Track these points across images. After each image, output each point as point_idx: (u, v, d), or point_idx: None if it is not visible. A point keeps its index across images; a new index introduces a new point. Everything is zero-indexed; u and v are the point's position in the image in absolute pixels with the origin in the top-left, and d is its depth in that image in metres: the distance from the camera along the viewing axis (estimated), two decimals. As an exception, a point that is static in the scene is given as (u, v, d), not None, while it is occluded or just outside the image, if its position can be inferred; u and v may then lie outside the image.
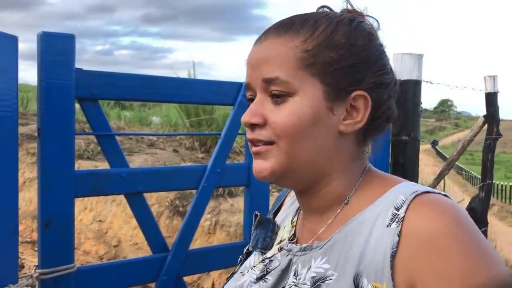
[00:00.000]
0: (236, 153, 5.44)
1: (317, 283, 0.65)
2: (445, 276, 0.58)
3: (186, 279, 1.66)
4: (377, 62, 0.70)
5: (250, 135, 0.70)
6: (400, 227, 0.61)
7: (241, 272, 0.79)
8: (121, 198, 4.51)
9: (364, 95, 0.68)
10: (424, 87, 2.18)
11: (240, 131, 1.80)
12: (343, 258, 0.65)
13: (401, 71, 2.12)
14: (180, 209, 3.97)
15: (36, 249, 3.69)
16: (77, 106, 1.46)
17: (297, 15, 0.70)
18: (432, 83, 2.26)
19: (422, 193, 0.64)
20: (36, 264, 1.42)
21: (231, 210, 3.92)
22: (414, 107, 2.13)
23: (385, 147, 2.11)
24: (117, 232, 4.27)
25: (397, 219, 0.62)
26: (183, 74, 6.46)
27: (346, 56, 0.67)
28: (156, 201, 4.12)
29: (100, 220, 4.34)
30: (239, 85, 1.73)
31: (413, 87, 2.11)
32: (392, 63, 0.76)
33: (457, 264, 0.58)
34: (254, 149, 0.69)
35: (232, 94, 1.71)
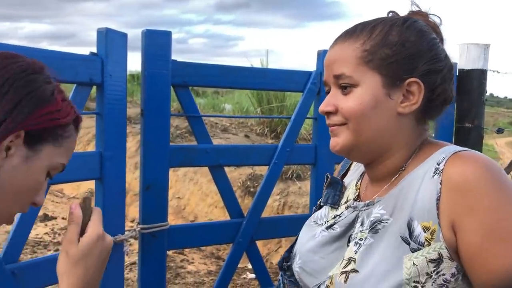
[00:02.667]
0: (304, 140, 5.63)
1: (374, 224, 0.85)
2: (475, 211, 0.76)
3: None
4: (429, 53, 0.87)
5: (327, 121, 0.91)
6: (440, 177, 0.80)
7: (314, 221, 1.00)
8: (198, 177, 4.89)
9: (417, 81, 0.85)
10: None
11: (308, 115, 2.00)
12: (398, 207, 0.84)
13: (467, 61, 2.19)
14: (251, 189, 4.24)
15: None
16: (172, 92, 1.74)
17: (359, 23, 0.90)
18: (499, 72, 2.31)
19: (460, 151, 0.82)
20: (137, 220, 1.73)
21: (299, 192, 4.13)
22: (478, 96, 2.20)
23: (448, 134, 2.21)
24: (193, 208, 4.65)
25: (438, 172, 0.81)
26: (255, 62, 6.73)
27: (399, 51, 0.85)
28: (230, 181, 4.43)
29: (178, 197, 4.75)
30: (308, 73, 1.93)
31: (478, 76, 2.17)
32: (458, 53, 0.94)
33: (485, 200, 0.76)
34: (330, 129, 0.91)
35: (302, 81, 1.91)
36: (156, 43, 1.63)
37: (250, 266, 3.59)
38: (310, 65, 1.95)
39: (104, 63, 1.51)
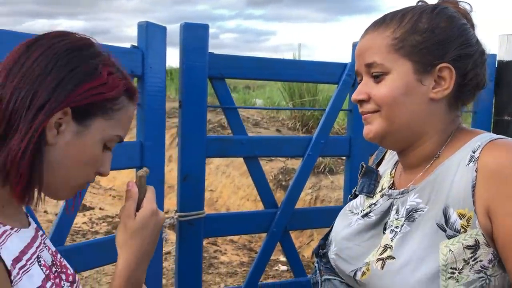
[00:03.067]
0: (335, 134, 5.60)
1: (410, 213, 0.86)
2: (510, 197, 0.76)
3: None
4: (459, 38, 0.87)
5: (359, 109, 0.93)
6: (476, 165, 0.80)
7: (350, 210, 1.02)
8: (230, 171, 4.95)
9: (448, 66, 0.86)
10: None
11: (343, 107, 2.00)
12: (434, 195, 0.85)
13: (507, 52, 2.14)
14: (283, 183, 4.27)
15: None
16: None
17: (389, 13, 0.92)
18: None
19: (496, 139, 0.82)
20: (173, 210, 1.79)
21: (331, 186, 4.12)
22: (518, 87, 2.15)
23: (486, 127, 2.17)
24: (226, 201, 4.71)
25: (473, 159, 0.81)
26: (287, 56, 6.72)
27: (429, 38, 0.86)
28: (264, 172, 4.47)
29: (211, 190, 4.82)
30: (343, 65, 1.93)
31: (518, 67, 2.12)
32: (497, 44, 0.93)
33: None
34: (363, 117, 0.92)
35: (337, 73, 1.92)
36: (194, 36, 1.67)
37: (282, 259, 3.63)
38: (343, 59, 1.95)
39: (144, 56, 1.56)
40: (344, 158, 4.53)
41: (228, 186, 4.80)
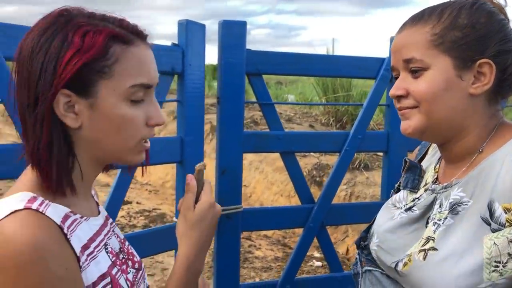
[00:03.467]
0: (370, 129, 5.53)
1: (453, 206, 0.86)
2: None
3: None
4: (499, 33, 0.86)
5: (397, 104, 0.93)
6: None
7: (392, 203, 1.02)
8: (263, 166, 4.97)
9: (488, 62, 0.85)
10: None
11: (380, 102, 1.99)
12: (478, 189, 0.84)
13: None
14: (317, 179, 4.26)
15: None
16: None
17: (427, 8, 0.92)
18: None
19: None
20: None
21: (367, 182, 4.09)
22: None
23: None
24: (259, 196, 4.74)
25: None
26: (320, 51, 6.68)
27: (469, 33, 0.85)
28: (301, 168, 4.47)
29: (244, 185, 4.87)
30: (381, 60, 1.92)
31: None
32: None
33: None
34: (400, 112, 0.92)
35: (374, 68, 1.90)
36: (232, 33, 1.70)
37: (316, 254, 3.63)
38: (376, 53, 1.94)
39: (184, 53, 1.60)
40: (380, 154, 4.49)
41: (262, 181, 4.83)
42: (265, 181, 4.82)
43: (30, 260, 0.63)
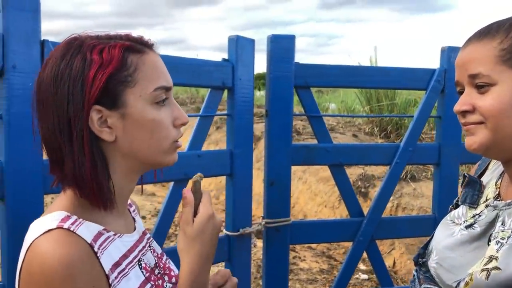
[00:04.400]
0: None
1: None
2: None
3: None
4: None
5: (461, 120, 0.91)
6: None
7: (451, 220, 1.00)
8: (307, 177, 4.95)
9: None
10: None
11: (431, 114, 1.94)
12: None
13: None
14: (362, 190, 4.19)
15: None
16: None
17: (493, 23, 0.90)
18: None
19: None
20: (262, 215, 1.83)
21: (414, 194, 3.98)
22: None
23: None
24: (303, 207, 4.72)
25: None
26: (363, 59, 6.59)
27: None
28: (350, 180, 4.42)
29: (288, 196, 4.85)
30: (431, 71, 1.88)
31: None
32: None
33: None
34: (465, 128, 0.90)
35: (425, 79, 1.87)
36: (281, 47, 1.72)
37: (362, 267, 3.56)
38: (420, 60, 1.90)
39: (234, 68, 1.63)
40: (428, 165, 4.37)
41: (305, 192, 4.81)
42: (309, 192, 4.79)
43: (59, 277, 0.66)
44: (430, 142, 4.19)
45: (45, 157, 1.15)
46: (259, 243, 1.80)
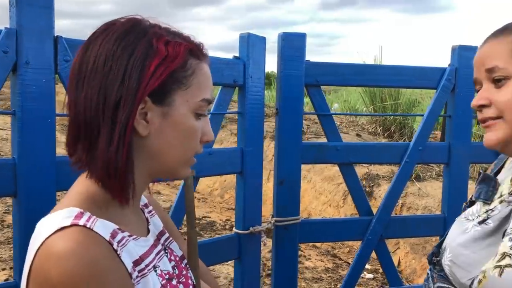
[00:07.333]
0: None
1: None
2: None
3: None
4: None
5: (480, 115, 0.91)
6: None
7: (465, 217, 0.99)
8: (311, 176, 4.94)
9: None
10: None
11: (441, 113, 1.93)
12: None
13: None
14: (367, 189, 4.18)
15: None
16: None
17: (510, 23, 0.90)
18: None
19: None
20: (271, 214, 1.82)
21: (419, 193, 3.98)
22: None
23: None
24: (307, 206, 4.71)
25: None
26: (368, 59, 6.58)
27: None
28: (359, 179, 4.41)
29: (292, 195, 4.84)
30: (442, 70, 1.87)
31: None
32: None
33: None
34: (483, 124, 0.90)
35: (435, 78, 1.86)
36: (292, 45, 1.71)
37: (367, 266, 3.55)
38: (421, 60, 1.89)
39: (245, 66, 1.62)
40: (432, 165, 4.35)
41: (310, 191, 4.80)
42: (313, 191, 4.79)
43: (84, 280, 0.60)
44: (432, 141, 4.19)
45: (58, 152, 1.15)
46: (269, 242, 1.79)
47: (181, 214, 1.54)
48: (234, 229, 1.69)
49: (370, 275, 3.38)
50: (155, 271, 0.75)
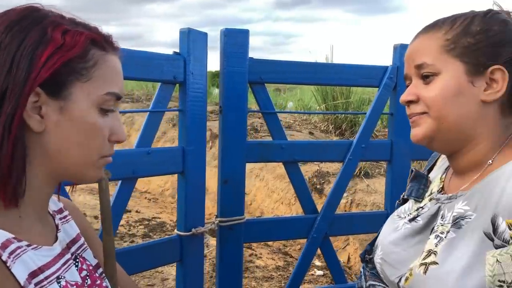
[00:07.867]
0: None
1: (457, 220, 0.84)
2: None
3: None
4: None
5: (407, 110, 0.91)
6: None
7: (398, 215, 1.00)
8: (264, 174, 4.94)
9: (501, 68, 0.84)
10: None
11: (384, 111, 1.97)
12: (482, 202, 0.82)
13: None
14: (318, 186, 4.23)
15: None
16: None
17: (440, 18, 0.91)
18: None
19: None
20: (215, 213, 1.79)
21: (367, 190, 4.06)
22: None
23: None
24: (260, 204, 4.71)
25: None
26: (320, 58, 6.68)
27: (482, 39, 0.84)
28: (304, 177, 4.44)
29: (245, 193, 4.83)
30: (384, 68, 1.90)
31: None
32: None
33: None
34: (410, 120, 0.90)
35: (378, 76, 1.88)
36: (235, 42, 1.67)
37: (317, 263, 3.59)
38: (373, 59, 1.92)
39: (186, 62, 1.57)
40: (381, 162, 4.46)
41: (262, 189, 4.80)
42: (266, 189, 4.79)
43: None
44: (383, 139, 4.29)
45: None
46: (213, 242, 1.75)
47: (118, 217, 1.48)
48: (175, 230, 1.64)
49: (320, 272, 3.41)
50: (58, 282, 0.68)
